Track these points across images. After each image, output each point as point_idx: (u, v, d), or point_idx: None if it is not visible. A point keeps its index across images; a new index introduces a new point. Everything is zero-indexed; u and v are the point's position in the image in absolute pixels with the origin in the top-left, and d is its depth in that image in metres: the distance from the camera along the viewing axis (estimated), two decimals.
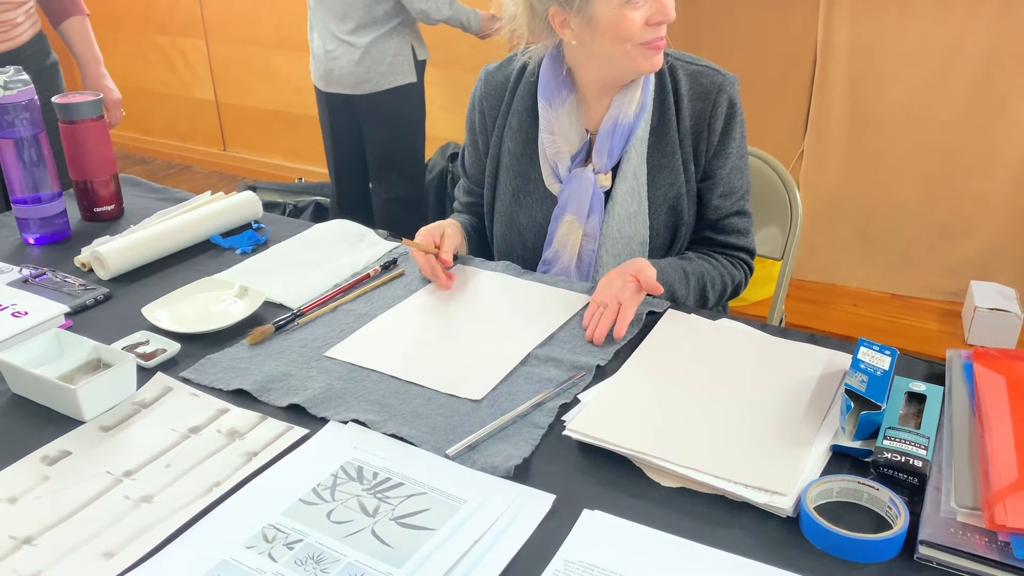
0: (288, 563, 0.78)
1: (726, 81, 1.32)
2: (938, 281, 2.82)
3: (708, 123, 1.31)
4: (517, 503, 0.85)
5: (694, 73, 1.33)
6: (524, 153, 1.38)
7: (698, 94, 1.32)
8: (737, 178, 1.35)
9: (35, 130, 1.37)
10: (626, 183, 1.32)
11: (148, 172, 4.32)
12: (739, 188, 1.36)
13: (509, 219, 1.40)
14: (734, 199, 1.36)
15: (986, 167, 2.65)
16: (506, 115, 1.39)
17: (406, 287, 1.27)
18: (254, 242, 1.42)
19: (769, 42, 2.78)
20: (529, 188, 1.38)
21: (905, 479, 0.85)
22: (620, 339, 1.12)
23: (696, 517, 0.84)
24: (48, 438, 0.95)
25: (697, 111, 1.32)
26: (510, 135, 1.39)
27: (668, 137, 1.32)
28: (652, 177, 1.33)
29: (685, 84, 1.32)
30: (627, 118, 1.29)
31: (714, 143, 1.32)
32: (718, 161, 1.33)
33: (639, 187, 1.32)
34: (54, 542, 0.81)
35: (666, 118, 1.32)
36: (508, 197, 1.40)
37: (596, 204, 1.33)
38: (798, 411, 0.97)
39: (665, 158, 1.32)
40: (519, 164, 1.38)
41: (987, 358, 0.99)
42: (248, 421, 0.97)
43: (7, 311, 1.16)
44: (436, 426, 0.96)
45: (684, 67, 1.33)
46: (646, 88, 1.31)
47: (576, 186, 1.33)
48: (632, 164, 1.32)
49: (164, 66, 4.32)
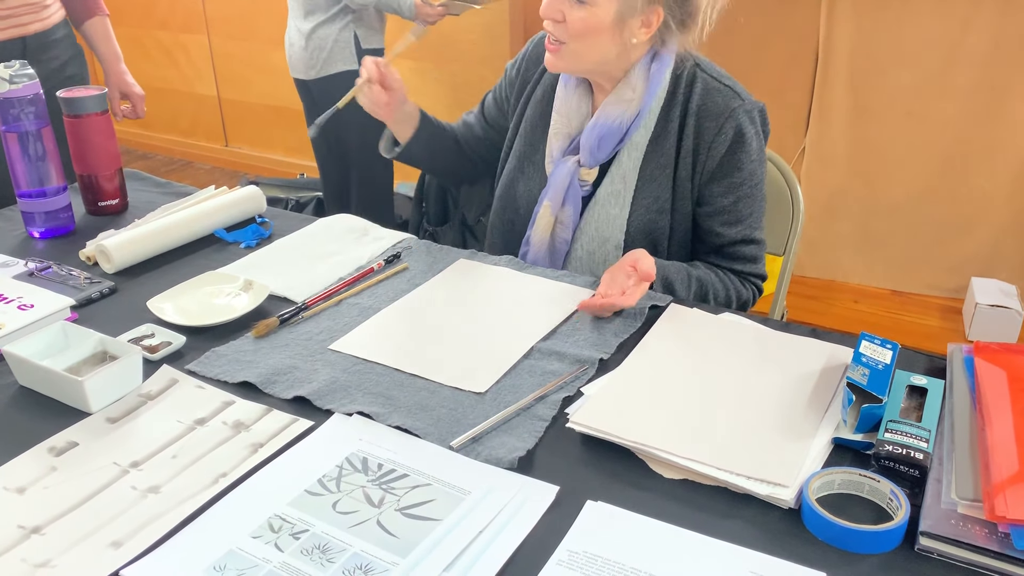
0: (294, 553, 0.78)
1: (741, 107, 1.26)
2: (939, 278, 2.83)
3: (708, 147, 1.28)
4: (521, 494, 0.85)
5: (711, 90, 1.28)
6: (538, 125, 1.40)
7: (706, 113, 1.28)
8: (746, 207, 1.31)
9: (40, 124, 1.38)
10: (612, 185, 1.32)
11: (150, 168, 4.33)
12: (747, 216, 1.32)
13: (510, 182, 1.42)
14: (741, 227, 1.32)
15: (987, 164, 2.66)
16: (536, 83, 1.41)
17: (410, 281, 1.27)
18: (258, 236, 1.42)
19: (771, 39, 2.78)
20: (535, 159, 1.40)
21: (906, 471, 0.85)
22: (629, 305, 1.13)
23: (699, 508, 0.84)
24: (55, 429, 0.95)
25: (701, 131, 1.28)
26: (533, 104, 1.41)
27: (664, 150, 1.30)
28: (641, 185, 1.31)
29: (697, 99, 1.28)
30: (608, 119, 1.28)
31: (710, 168, 1.28)
32: (717, 188, 1.29)
33: (625, 191, 1.31)
34: (62, 532, 0.81)
35: (668, 131, 1.29)
36: (515, 161, 1.42)
37: (572, 196, 1.32)
38: (800, 404, 0.97)
39: (657, 171, 1.30)
40: (532, 133, 1.40)
41: (988, 352, 0.99)
42: (253, 413, 0.98)
43: (13, 304, 1.16)
44: (440, 418, 0.96)
45: (705, 81, 1.29)
46: (653, 91, 1.28)
47: (558, 173, 1.33)
48: (622, 168, 1.31)
49: (166, 62, 4.32)
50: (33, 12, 1.90)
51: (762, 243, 1.37)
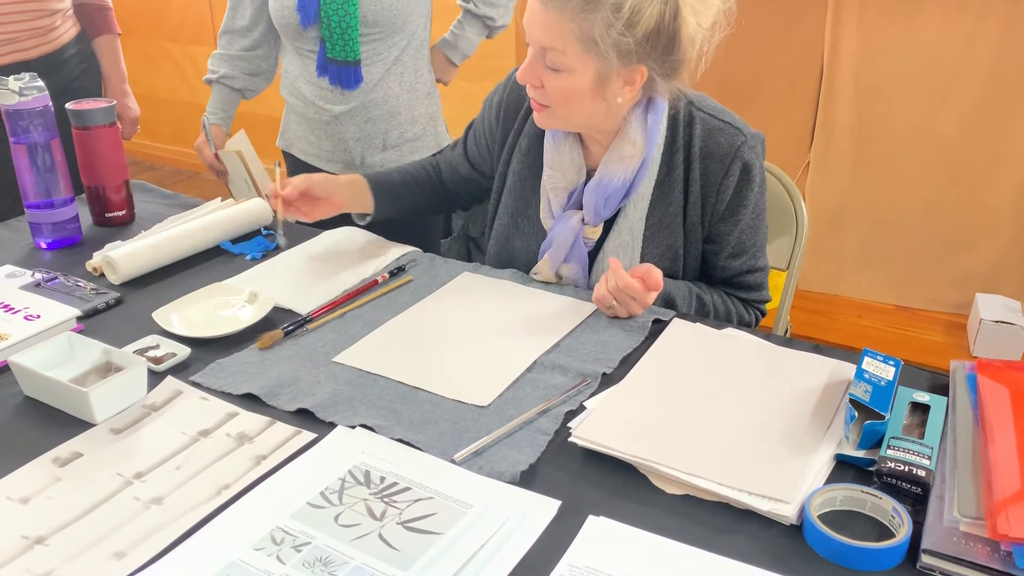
0: (296, 565, 0.78)
1: (745, 144, 1.24)
2: (943, 293, 2.83)
3: (717, 189, 1.26)
4: (523, 508, 0.85)
5: (712, 130, 1.25)
6: (528, 178, 1.36)
7: (711, 154, 1.25)
8: (749, 238, 1.30)
9: (49, 136, 1.39)
10: (620, 238, 1.29)
11: (157, 178, 4.35)
12: (751, 247, 1.31)
13: (505, 240, 1.39)
14: (745, 258, 1.32)
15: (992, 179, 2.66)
16: (518, 134, 1.36)
17: (414, 294, 1.28)
18: (264, 248, 1.43)
19: (776, 52, 2.79)
20: (528, 213, 1.36)
21: (908, 488, 0.85)
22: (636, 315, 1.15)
23: (700, 524, 0.84)
24: (59, 440, 0.96)
25: (708, 172, 1.26)
26: (518, 156, 1.36)
27: (672, 196, 1.27)
28: (649, 234, 1.29)
29: (699, 142, 1.25)
30: (612, 177, 1.24)
31: (720, 210, 1.27)
32: (724, 227, 1.29)
33: (633, 243, 1.29)
34: (65, 542, 0.82)
35: (673, 176, 1.27)
36: (507, 218, 1.38)
37: (577, 255, 1.30)
38: (802, 420, 0.97)
39: (666, 218, 1.28)
40: (522, 188, 1.36)
41: (991, 369, 0.99)
42: (257, 425, 0.98)
43: (20, 314, 1.17)
44: (443, 431, 0.97)
45: (704, 121, 1.26)
46: (653, 141, 1.25)
47: (560, 229, 1.30)
48: (629, 220, 1.28)
49: (174, 73, 4.35)
50: (37, 36, 1.89)
51: (765, 268, 1.36)
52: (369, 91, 1.79)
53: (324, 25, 1.71)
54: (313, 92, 1.82)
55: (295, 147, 1.94)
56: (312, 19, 1.71)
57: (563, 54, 1.14)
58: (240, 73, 1.93)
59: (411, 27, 1.78)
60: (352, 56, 1.74)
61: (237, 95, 1.98)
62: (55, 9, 1.91)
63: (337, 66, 1.75)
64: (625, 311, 1.19)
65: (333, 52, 1.74)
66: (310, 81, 1.81)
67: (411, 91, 1.83)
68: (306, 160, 1.91)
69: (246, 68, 1.93)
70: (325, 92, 1.80)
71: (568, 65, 1.15)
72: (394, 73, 1.80)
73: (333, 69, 1.76)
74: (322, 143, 1.87)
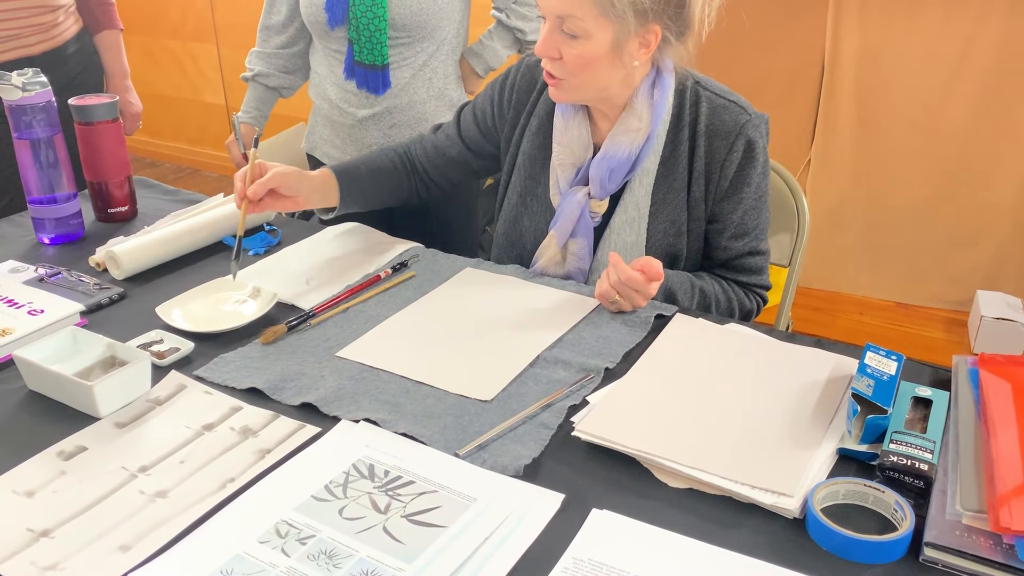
0: (301, 558, 0.79)
1: (749, 122, 1.26)
2: (944, 290, 2.83)
3: (721, 165, 1.27)
4: (526, 502, 0.86)
5: (718, 108, 1.28)
6: (538, 157, 1.38)
7: (716, 132, 1.27)
8: (752, 219, 1.31)
9: (51, 131, 1.39)
10: (626, 213, 1.31)
11: (158, 175, 4.35)
12: (753, 228, 1.32)
13: (514, 219, 1.41)
14: (747, 240, 1.33)
15: (992, 176, 2.66)
16: (529, 115, 1.39)
17: (417, 289, 1.28)
18: (267, 244, 1.43)
19: (777, 51, 2.79)
20: (537, 192, 1.38)
21: (911, 482, 0.86)
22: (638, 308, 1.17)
23: (703, 517, 0.85)
24: (64, 434, 0.96)
25: (712, 150, 1.28)
26: (528, 136, 1.38)
27: (677, 173, 1.29)
28: (655, 210, 1.30)
29: (704, 119, 1.27)
30: (617, 150, 1.26)
31: (723, 187, 1.29)
32: (728, 205, 1.30)
33: (639, 218, 1.30)
34: (71, 535, 0.82)
35: (678, 153, 1.29)
36: (516, 197, 1.40)
37: (583, 229, 1.31)
38: (805, 414, 0.98)
39: (671, 194, 1.30)
40: (531, 167, 1.38)
41: (993, 364, 1.00)
42: (261, 419, 0.99)
43: (23, 309, 1.17)
44: (447, 426, 0.97)
45: (709, 99, 1.28)
46: (658, 117, 1.27)
47: (567, 205, 1.31)
48: (635, 195, 1.30)
49: (175, 70, 4.35)
50: (40, 32, 1.89)
51: (767, 253, 1.37)
52: (395, 96, 1.76)
53: (352, 27, 1.69)
54: (339, 95, 1.79)
55: (319, 150, 1.91)
56: (340, 19, 1.69)
57: (581, 20, 1.16)
58: (275, 71, 1.90)
59: (442, 33, 1.75)
60: (380, 60, 1.71)
61: (272, 93, 1.95)
62: (58, 5, 1.91)
63: (364, 69, 1.73)
64: (629, 304, 1.19)
65: (361, 55, 1.72)
66: (337, 84, 1.79)
67: (439, 98, 1.80)
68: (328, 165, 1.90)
69: (281, 66, 1.90)
70: (351, 95, 1.78)
71: (586, 30, 1.17)
72: (421, 79, 1.77)
73: (360, 72, 1.74)
74: (346, 147, 1.84)
